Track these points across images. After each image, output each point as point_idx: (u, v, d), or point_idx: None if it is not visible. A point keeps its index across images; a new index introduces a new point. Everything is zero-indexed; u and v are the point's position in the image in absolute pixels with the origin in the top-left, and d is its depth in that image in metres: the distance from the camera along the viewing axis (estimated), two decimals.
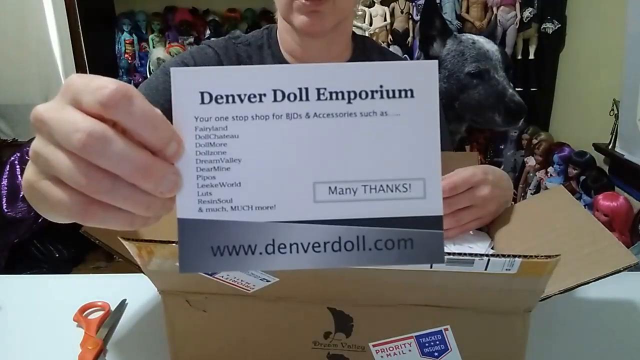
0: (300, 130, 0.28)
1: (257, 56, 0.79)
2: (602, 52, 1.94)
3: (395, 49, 2.25)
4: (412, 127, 0.28)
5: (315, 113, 0.28)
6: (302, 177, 0.28)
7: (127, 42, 2.37)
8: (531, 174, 2.23)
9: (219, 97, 0.28)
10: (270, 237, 0.28)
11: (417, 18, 2.28)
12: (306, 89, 0.28)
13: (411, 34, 2.31)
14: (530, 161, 2.25)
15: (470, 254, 0.36)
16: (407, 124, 0.28)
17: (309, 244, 0.28)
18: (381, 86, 0.28)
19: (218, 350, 0.48)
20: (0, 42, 2.26)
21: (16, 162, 2.06)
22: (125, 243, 0.40)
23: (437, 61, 0.28)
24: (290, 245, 0.28)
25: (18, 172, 2.02)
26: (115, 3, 2.44)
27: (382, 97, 0.28)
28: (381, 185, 0.28)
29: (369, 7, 2.29)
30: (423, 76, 0.28)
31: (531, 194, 2.19)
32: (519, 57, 2.32)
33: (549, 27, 2.21)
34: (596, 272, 0.42)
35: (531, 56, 2.32)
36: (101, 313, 0.60)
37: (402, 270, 0.37)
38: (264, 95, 0.28)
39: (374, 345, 0.44)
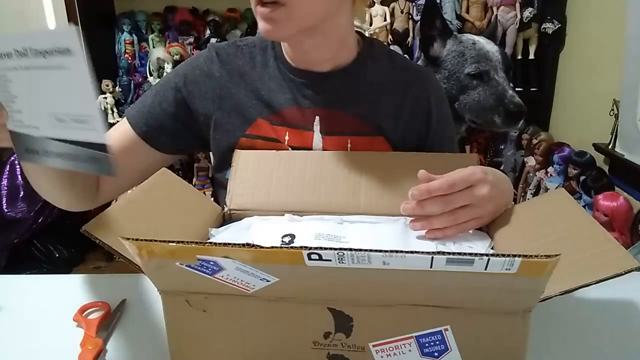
0: (32, 78, 0.43)
1: (260, 57, 0.80)
2: (602, 52, 1.94)
3: (395, 49, 2.25)
4: (76, 76, 0.41)
5: (33, 66, 0.42)
6: (41, 109, 0.45)
7: (127, 42, 2.36)
8: (531, 174, 2.23)
9: (2, 55, 0.43)
10: (41, 146, 0.47)
11: (417, 18, 2.27)
12: (27, 50, 0.42)
13: (411, 34, 2.31)
14: (530, 161, 2.24)
15: (470, 254, 0.36)
16: (73, 74, 0.41)
17: (58, 153, 0.47)
18: (54, 47, 0.40)
19: (218, 350, 0.48)
20: None
21: (16, 162, 2.06)
22: (125, 243, 0.40)
23: (75, 28, 0.39)
24: (50, 152, 0.47)
25: (18, 172, 2.02)
26: (115, 3, 2.43)
27: (55, 55, 0.40)
28: (74, 118, 0.43)
29: (369, 7, 2.28)
30: (71, 38, 0.39)
31: (531, 194, 2.19)
32: (519, 57, 2.32)
33: (549, 27, 2.21)
34: (597, 275, 0.42)
35: (531, 56, 2.32)
36: (101, 313, 0.60)
37: (402, 270, 0.37)
38: (15, 54, 0.43)
39: (374, 345, 0.44)
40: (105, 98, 2.21)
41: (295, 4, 0.65)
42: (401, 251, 0.36)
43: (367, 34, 2.23)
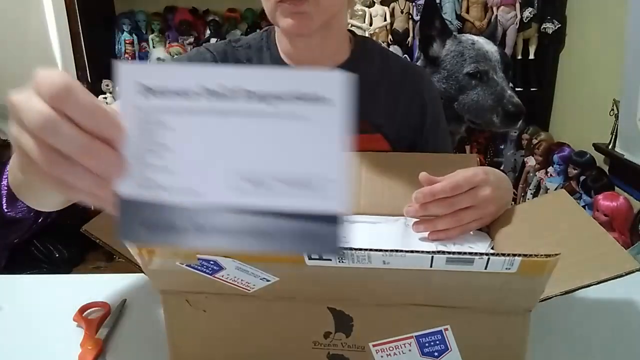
0: (226, 126, 0.31)
1: (256, 58, 0.80)
2: (602, 52, 1.94)
3: (395, 49, 2.25)
4: (323, 130, 0.31)
5: (240, 112, 0.31)
6: (225, 168, 0.31)
7: (127, 42, 2.36)
8: (531, 174, 2.23)
9: (157, 91, 0.31)
10: (194, 219, 0.32)
11: (417, 18, 2.27)
12: (233, 89, 0.30)
13: (411, 34, 2.31)
14: (530, 161, 2.25)
15: (470, 253, 0.36)
16: (319, 128, 0.31)
17: (226, 228, 0.31)
18: (298, 92, 0.30)
19: (218, 350, 0.48)
20: (1, 42, 2.26)
21: None
22: (126, 242, 0.40)
23: (347, 74, 0.30)
24: (210, 228, 0.31)
25: None
26: (115, 3, 2.44)
27: (297, 101, 0.30)
28: (292, 181, 0.31)
29: (369, 7, 2.29)
30: (335, 85, 0.30)
31: (531, 194, 2.19)
32: (519, 57, 2.32)
33: (549, 27, 2.21)
34: (598, 276, 0.42)
35: (531, 56, 2.32)
36: (101, 313, 0.60)
37: (402, 270, 0.37)
38: (197, 92, 0.31)
39: (374, 345, 0.44)
40: (105, 98, 2.22)
41: None
42: (401, 250, 0.36)
43: (367, 34, 2.24)
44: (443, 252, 0.36)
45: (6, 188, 1.97)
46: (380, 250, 0.36)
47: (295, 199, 0.31)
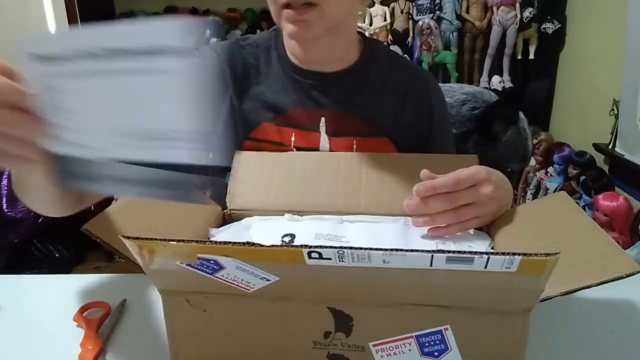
0: (103, 86, 0.34)
1: (264, 58, 0.79)
2: (602, 52, 1.95)
3: (395, 49, 2.26)
4: (175, 82, 0.32)
5: (111, 71, 0.33)
6: (107, 125, 0.35)
7: None
8: (531, 174, 2.23)
9: (47, 58, 0.35)
10: (99, 170, 0.37)
11: (417, 18, 2.28)
12: (108, 49, 0.33)
13: (411, 34, 2.31)
14: (530, 161, 2.25)
15: (470, 252, 0.36)
16: (170, 80, 0.32)
17: (122, 177, 0.37)
18: (146, 46, 0.31)
19: (218, 350, 0.48)
20: (1, 42, 2.26)
21: None
22: (126, 242, 0.40)
23: (182, 22, 0.30)
24: (112, 177, 0.38)
25: None
26: (115, 3, 2.44)
27: (147, 55, 0.31)
28: (151, 134, 0.34)
29: (369, 7, 2.29)
30: (175, 35, 0.31)
31: (531, 194, 2.19)
32: (519, 57, 2.32)
33: (549, 27, 2.21)
34: (598, 277, 0.42)
35: (531, 56, 2.32)
36: (101, 313, 0.60)
37: (402, 269, 0.37)
38: (80, 56, 0.33)
39: (374, 345, 0.44)
40: None
41: (327, 3, 0.66)
42: (401, 249, 0.36)
43: (367, 34, 2.24)
44: (443, 251, 0.36)
45: (6, 188, 1.97)
46: (380, 249, 0.36)
47: (155, 151, 0.34)
